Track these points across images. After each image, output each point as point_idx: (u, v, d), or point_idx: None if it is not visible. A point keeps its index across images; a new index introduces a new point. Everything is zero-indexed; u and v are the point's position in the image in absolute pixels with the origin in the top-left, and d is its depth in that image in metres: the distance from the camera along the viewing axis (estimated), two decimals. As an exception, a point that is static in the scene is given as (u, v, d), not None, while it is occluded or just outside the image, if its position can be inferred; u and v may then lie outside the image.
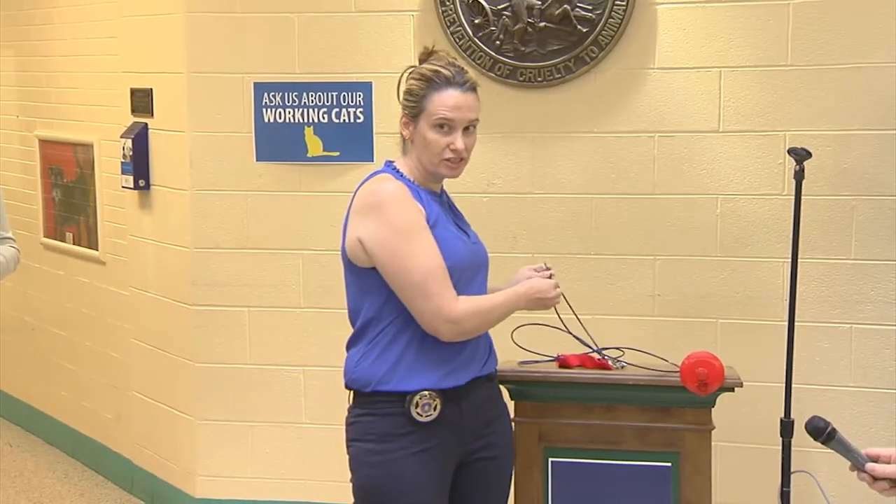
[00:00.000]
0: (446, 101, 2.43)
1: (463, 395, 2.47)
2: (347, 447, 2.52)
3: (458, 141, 2.43)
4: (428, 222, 2.42)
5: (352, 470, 2.51)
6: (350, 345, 2.54)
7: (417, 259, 2.36)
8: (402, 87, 2.51)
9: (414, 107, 2.46)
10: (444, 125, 2.43)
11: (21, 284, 5.46)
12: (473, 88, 2.48)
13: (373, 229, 2.39)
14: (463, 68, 2.50)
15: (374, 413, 2.45)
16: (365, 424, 2.47)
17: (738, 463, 3.64)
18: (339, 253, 2.46)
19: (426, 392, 2.41)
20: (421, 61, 2.53)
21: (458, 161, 2.46)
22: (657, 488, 2.76)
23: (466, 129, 2.46)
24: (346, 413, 2.55)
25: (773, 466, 3.21)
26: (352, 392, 2.51)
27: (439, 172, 2.49)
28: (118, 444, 4.78)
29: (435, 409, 2.42)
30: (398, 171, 2.51)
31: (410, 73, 2.51)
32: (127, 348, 4.58)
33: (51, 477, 4.96)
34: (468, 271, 2.48)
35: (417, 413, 2.41)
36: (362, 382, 2.46)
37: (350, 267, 2.49)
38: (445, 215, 2.51)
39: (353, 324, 2.53)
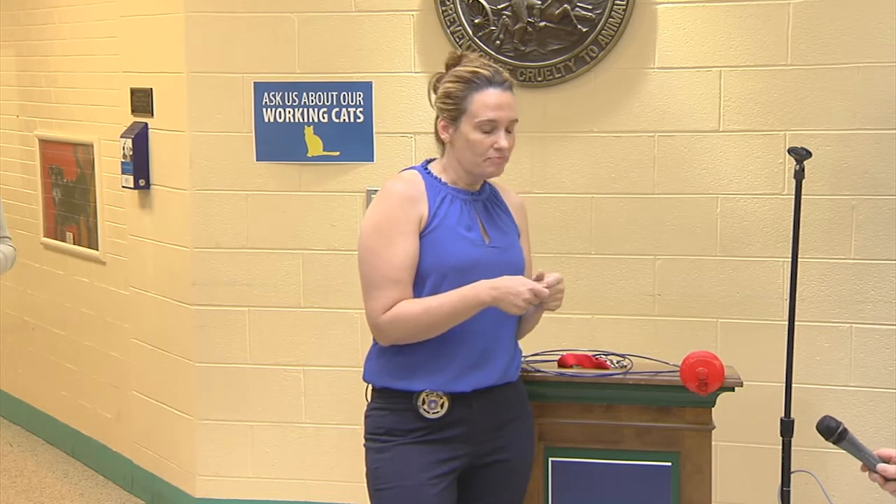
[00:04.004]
0: (488, 101, 2.42)
1: (473, 395, 2.46)
2: (364, 442, 2.56)
3: (503, 139, 2.42)
4: (429, 225, 2.41)
5: (365, 464, 2.53)
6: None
7: (378, 260, 2.40)
8: (439, 91, 2.49)
9: (454, 109, 2.44)
10: (488, 126, 2.42)
11: (21, 284, 5.46)
12: (511, 87, 2.47)
13: (364, 221, 2.46)
14: (499, 68, 2.50)
15: (385, 408, 2.49)
16: (376, 419, 2.50)
17: (738, 463, 3.64)
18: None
19: (432, 391, 2.42)
20: (448, 66, 2.51)
21: (501, 159, 2.46)
22: (657, 488, 2.76)
23: (507, 129, 2.45)
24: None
25: (773, 466, 3.21)
26: (368, 386, 2.55)
27: (484, 172, 2.47)
28: (118, 443, 4.78)
29: (442, 406, 2.43)
30: (427, 170, 2.51)
31: (446, 76, 2.48)
32: (127, 348, 4.58)
33: (51, 477, 4.96)
34: (468, 273, 2.41)
35: (425, 410, 2.43)
36: (375, 377, 2.50)
37: None
38: (464, 215, 2.47)
39: None
